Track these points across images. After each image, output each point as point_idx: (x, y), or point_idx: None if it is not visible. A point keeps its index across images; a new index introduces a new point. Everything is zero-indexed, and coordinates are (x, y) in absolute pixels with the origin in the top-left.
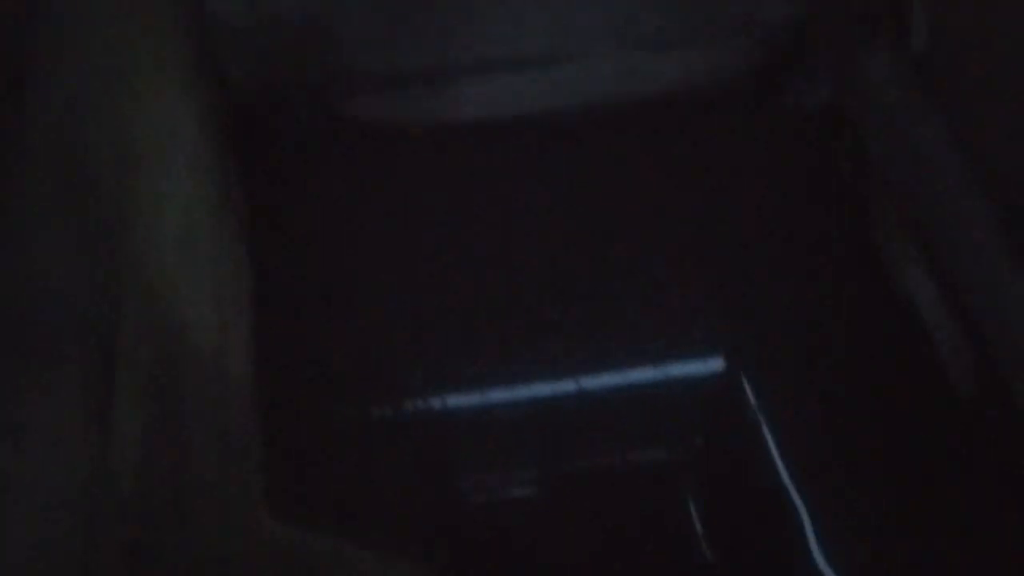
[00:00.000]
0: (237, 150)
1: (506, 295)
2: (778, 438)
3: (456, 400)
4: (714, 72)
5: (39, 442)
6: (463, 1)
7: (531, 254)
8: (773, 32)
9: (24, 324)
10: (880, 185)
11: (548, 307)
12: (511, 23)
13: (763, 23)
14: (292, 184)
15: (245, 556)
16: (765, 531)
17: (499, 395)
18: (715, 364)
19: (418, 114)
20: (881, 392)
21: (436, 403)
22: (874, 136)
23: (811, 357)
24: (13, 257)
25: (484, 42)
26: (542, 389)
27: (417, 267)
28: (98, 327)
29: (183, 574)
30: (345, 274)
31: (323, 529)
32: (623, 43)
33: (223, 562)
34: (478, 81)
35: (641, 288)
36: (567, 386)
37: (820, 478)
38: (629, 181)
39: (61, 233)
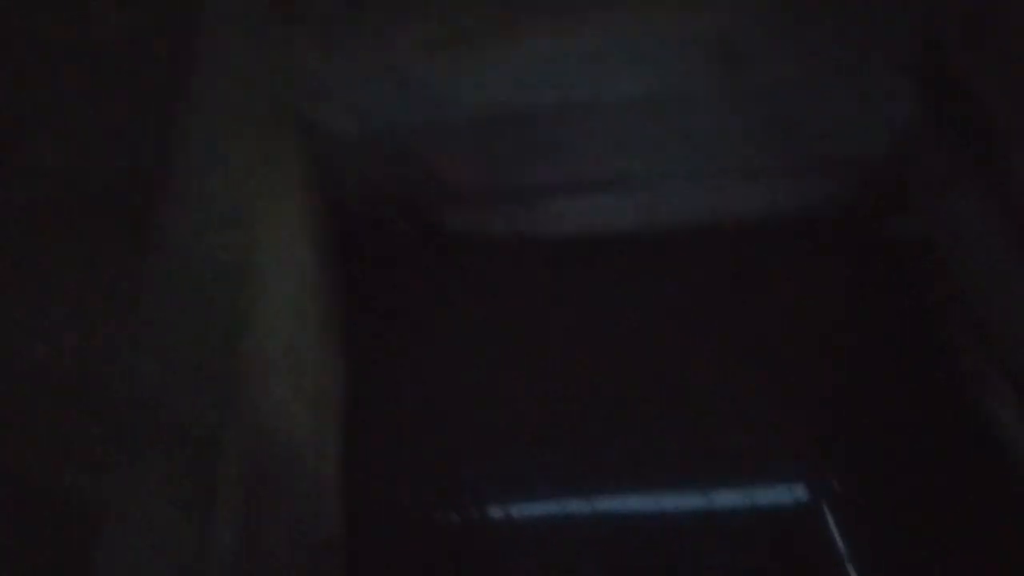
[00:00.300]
0: (340, 259)
1: (587, 411)
2: (861, 571)
3: (531, 513)
4: (802, 201)
5: (140, 530)
6: (557, 124)
7: (614, 371)
8: (865, 166)
9: (134, 420)
10: (970, 321)
11: (627, 426)
12: (604, 146)
13: (855, 157)
14: (389, 292)
15: None
16: None
17: (574, 510)
18: (797, 492)
19: (511, 228)
20: (970, 529)
21: (513, 515)
22: (965, 273)
23: (895, 490)
24: (137, 358)
25: (578, 162)
26: (616, 507)
27: (504, 378)
28: (204, 428)
29: None
30: (434, 381)
31: None
32: (712, 170)
33: None
34: (570, 199)
35: (722, 413)
36: (643, 507)
37: None
38: (714, 304)
39: (177, 338)
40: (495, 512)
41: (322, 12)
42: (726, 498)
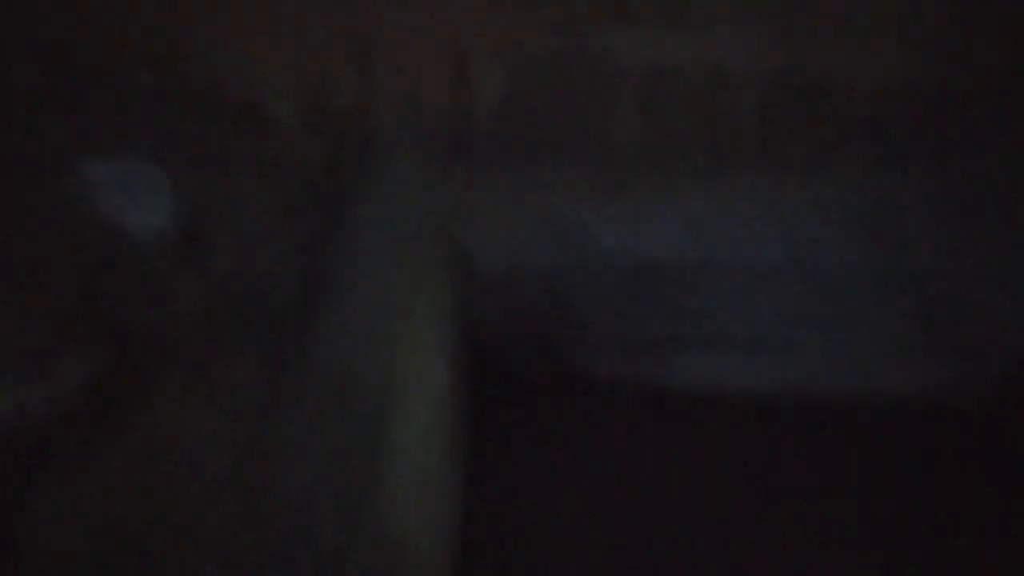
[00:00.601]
0: (472, 386)
1: (694, 573)
2: None
3: None
4: (944, 387)
5: None
6: (699, 279)
7: (728, 535)
8: (1013, 359)
9: (266, 522)
10: None
11: None
12: (744, 306)
13: (1003, 349)
14: (514, 425)
15: None
16: None
17: None
18: None
19: (642, 377)
20: None
21: None
22: None
23: None
24: (276, 464)
25: (715, 320)
26: None
27: (613, 525)
28: (331, 541)
29: None
30: (545, 517)
31: None
32: (852, 343)
33: None
34: (704, 355)
35: None
36: None
37: None
38: (839, 482)
39: (316, 448)
40: None
41: (484, 146)
42: None
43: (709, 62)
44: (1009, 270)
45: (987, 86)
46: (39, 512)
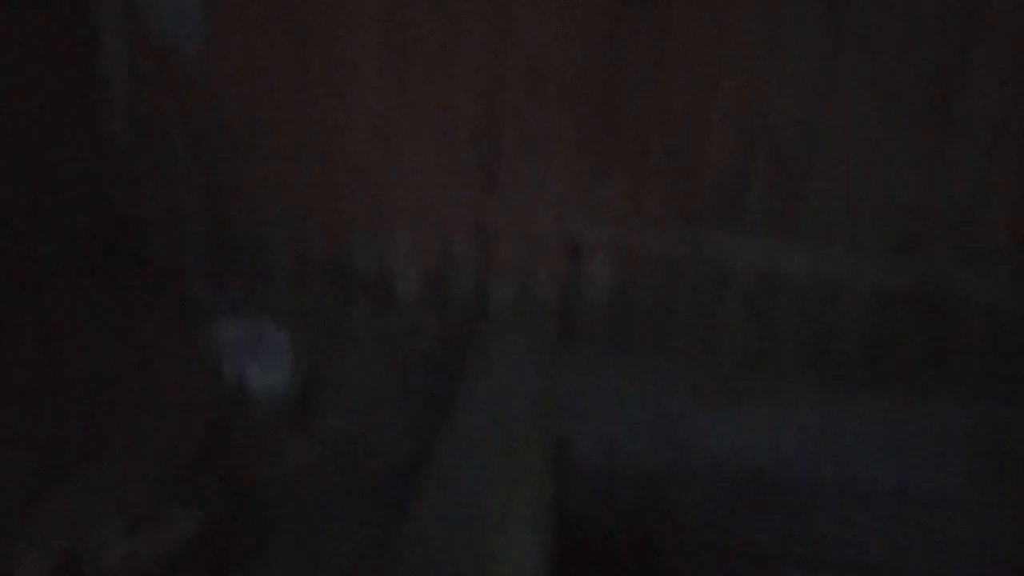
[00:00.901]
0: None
1: None
2: None
3: None
4: None
5: None
6: (802, 496)
7: None
8: None
9: None
10: None
11: None
12: (848, 528)
13: None
14: None
15: None
16: None
17: None
18: None
19: None
20: None
21: None
22: None
23: None
24: None
25: (815, 539)
26: None
27: None
28: None
29: None
30: None
31: None
32: (957, 571)
33: None
34: (803, 574)
35: None
36: None
37: None
38: None
39: None
40: None
41: (592, 336)
42: None
43: (821, 274)
44: None
45: None
46: None
